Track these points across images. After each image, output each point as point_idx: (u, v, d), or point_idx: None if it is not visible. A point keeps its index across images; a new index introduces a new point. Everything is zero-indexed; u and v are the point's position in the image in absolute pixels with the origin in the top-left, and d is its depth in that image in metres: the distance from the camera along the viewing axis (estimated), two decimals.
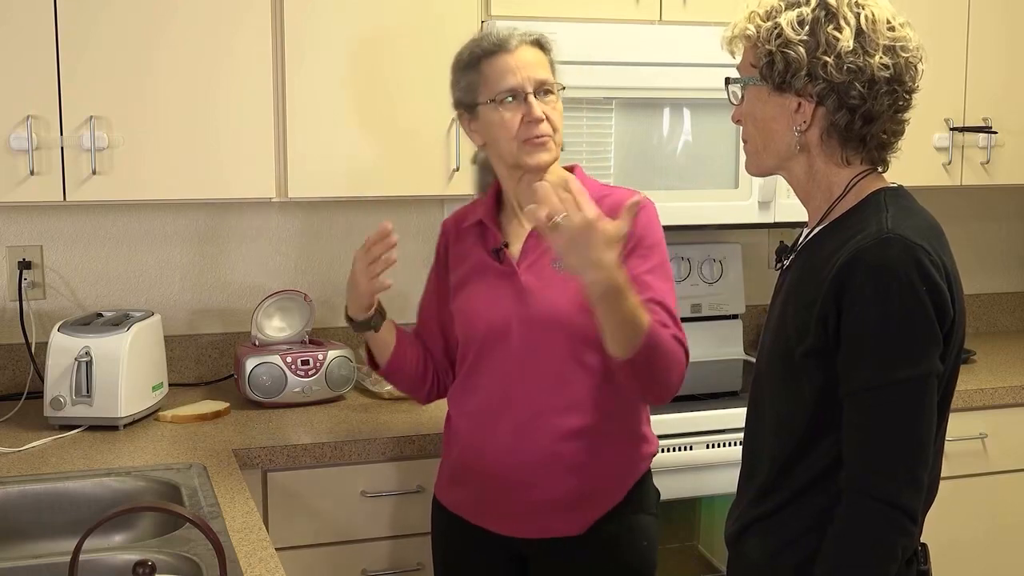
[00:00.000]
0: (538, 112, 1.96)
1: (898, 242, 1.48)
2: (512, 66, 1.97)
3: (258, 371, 2.58)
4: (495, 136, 2.00)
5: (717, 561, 2.73)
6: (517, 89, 1.96)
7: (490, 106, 1.98)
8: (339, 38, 2.54)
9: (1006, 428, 2.88)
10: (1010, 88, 3.10)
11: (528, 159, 1.98)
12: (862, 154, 1.59)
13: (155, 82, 2.43)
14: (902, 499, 1.47)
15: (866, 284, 1.48)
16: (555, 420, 1.98)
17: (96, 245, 2.79)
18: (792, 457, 1.59)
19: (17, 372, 2.72)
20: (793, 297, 1.61)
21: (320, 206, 2.92)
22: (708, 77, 2.64)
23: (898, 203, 1.57)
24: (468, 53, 2.03)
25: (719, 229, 3.07)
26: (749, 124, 1.65)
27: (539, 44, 2.02)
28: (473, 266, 2.09)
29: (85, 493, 2.03)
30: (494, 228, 2.08)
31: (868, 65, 1.53)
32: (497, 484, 2.01)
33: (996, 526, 2.92)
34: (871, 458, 1.49)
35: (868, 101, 1.54)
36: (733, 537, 1.71)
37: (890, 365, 1.47)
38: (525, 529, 2.02)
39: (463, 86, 2.03)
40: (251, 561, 1.68)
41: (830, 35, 1.54)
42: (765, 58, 1.58)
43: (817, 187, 1.63)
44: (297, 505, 2.34)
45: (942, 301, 1.49)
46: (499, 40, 1.99)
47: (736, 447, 2.55)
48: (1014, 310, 3.66)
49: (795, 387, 1.58)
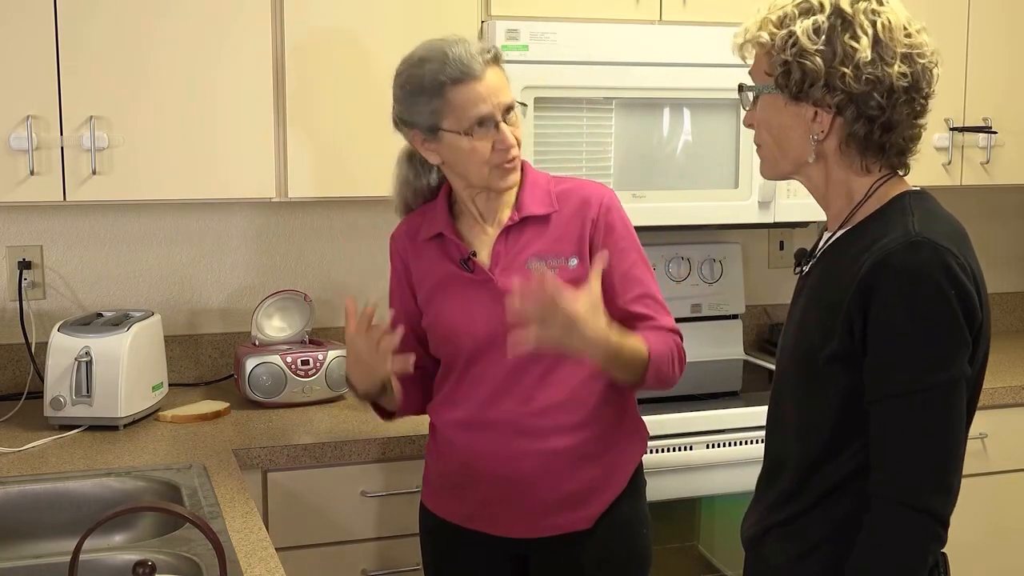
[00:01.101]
0: (511, 139, 1.93)
1: (927, 246, 1.47)
2: (482, 95, 1.90)
3: (258, 371, 2.58)
4: (462, 162, 1.95)
5: (717, 561, 2.73)
6: (487, 118, 1.91)
7: (458, 135, 1.92)
8: (339, 38, 2.54)
9: (1006, 428, 2.88)
10: (1010, 88, 3.10)
11: (500, 183, 1.96)
12: (881, 161, 1.57)
13: (155, 82, 2.43)
14: (934, 505, 1.46)
15: (894, 289, 1.46)
16: (554, 417, 1.98)
17: (96, 245, 2.79)
18: (816, 462, 1.57)
19: (17, 372, 2.72)
20: (815, 301, 1.59)
21: (320, 206, 2.92)
22: (708, 77, 2.65)
23: (923, 207, 1.55)
24: (430, 78, 1.92)
25: (719, 229, 3.07)
26: (763, 131, 1.63)
27: (496, 60, 1.96)
28: (440, 280, 2.04)
29: (85, 493, 2.03)
30: (457, 240, 2.03)
31: (887, 75, 1.51)
32: (501, 489, 2.00)
33: (996, 526, 2.92)
34: (902, 464, 1.47)
35: (887, 111, 1.52)
36: (753, 540, 1.69)
37: (921, 370, 1.46)
38: (531, 529, 2.02)
39: (424, 111, 1.94)
40: (251, 561, 1.67)
41: (847, 45, 1.51)
42: (781, 67, 1.55)
43: (836, 192, 1.61)
44: (297, 505, 2.33)
45: (971, 304, 1.47)
46: (464, 66, 1.90)
47: (736, 447, 2.56)
48: (1014, 310, 3.66)
49: (819, 392, 1.56)
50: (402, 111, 2.01)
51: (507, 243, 2.00)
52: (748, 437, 2.57)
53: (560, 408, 1.98)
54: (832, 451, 1.55)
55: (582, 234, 1.99)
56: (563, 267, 1.97)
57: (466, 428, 2.03)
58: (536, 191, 2.02)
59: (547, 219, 2.00)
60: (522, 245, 2.00)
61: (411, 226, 2.12)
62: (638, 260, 2.02)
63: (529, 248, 2.00)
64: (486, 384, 2.00)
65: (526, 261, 1.98)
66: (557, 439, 1.98)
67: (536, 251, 1.99)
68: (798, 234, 3.32)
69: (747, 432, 2.56)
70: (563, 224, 2.00)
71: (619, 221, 2.02)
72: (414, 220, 2.12)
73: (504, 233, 2.01)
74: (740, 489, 2.59)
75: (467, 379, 2.02)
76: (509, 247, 2.00)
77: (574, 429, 1.98)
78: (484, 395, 2.00)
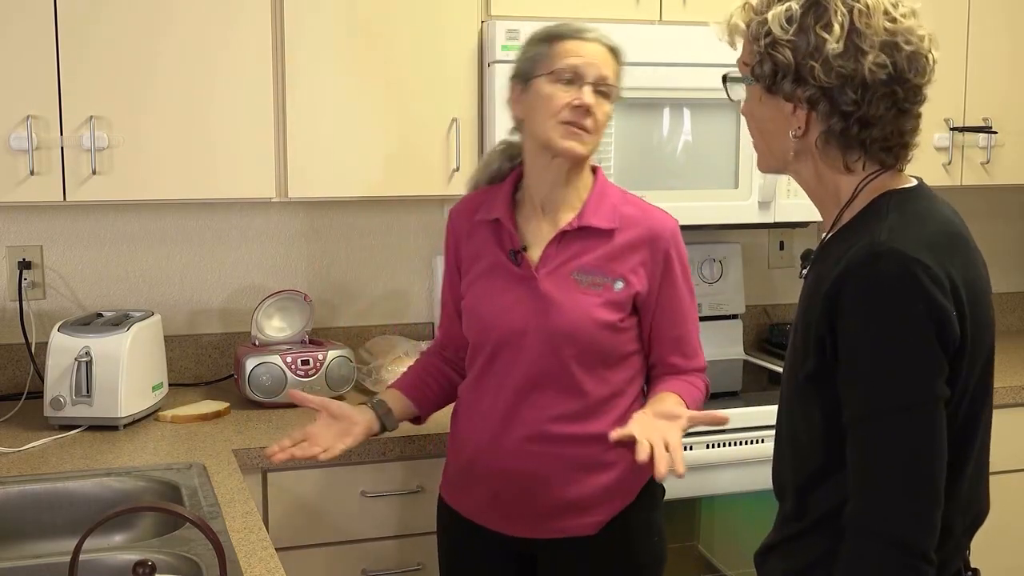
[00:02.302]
0: (588, 99, 1.93)
1: (889, 256, 1.34)
2: (581, 51, 1.95)
3: (258, 371, 2.58)
4: (537, 109, 1.96)
5: (717, 561, 2.73)
6: (577, 71, 1.94)
7: (545, 79, 1.95)
8: (339, 38, 2.54)
9: (1006, 428, 2.87)
10: (1010, 88, 3.10)
11: (561, 141, 1.95)
12: (865, 158, 1.45)
13: (155, 82, 2.43)
14: (905, 536, 1.34)
15: (855, 303, 1.35)
16: (569, 427, 1.98)
17: (96, 245, 2.79)
18: (809, 485, 1.49)
19: (17, 372, 2.72)
20: (801, 312, 1.49)
21: (320, 206, 2.92)
22: (708, 77, 2.63)
23: (904, 208, 1.42)
24: (545, 30, 2.00)
25: (719, 229, 3.06)
26: (750, 123, 1.55)
27: (614, 51, 2.00)
28: (488, 266, 2.05)
29: (85, 493, 2.03)
30: (512, 229, 2.03)
31: (859, 67, 1.39)
32: (510, 486, 2.01)
33: (996, 527, 2.91)
34: (868, 493, 1.36)
35: (863, 106, 1.40)
36: (758, 558, 1.63)
37: (883, 393, 1.35)
38: (538, 530, 2.03)
39: (528, 57, 2.00)
40: (251, 561, 1.68)
41: (818, 35, 1.40)
42: (755, 57, 1.46)
43: (826, 191, 1.50)
44: (297, 505, 2.33)
45: (944, 320, 1.34)
46: (579, 28, 1.98)
47: (736, 447, 2.56)
48: (1014, 310, 3.66)
49: (804, 412, 1.48)
50: (517, 63, 2.04)
51: (559, 247, 2.00)
52: (748, 437, 2.57)
53: (577, 418, 1.99)
54: (827, 471, 1.45)
55: (641, 262, 2.00)
56: (607, 286, 1.98)
57: (484, 421, 2.04)
58: (603, 203, 2.02)
59: (605, 234, 2.00)
60: (573, 253, 2.00)
61: (471, 204, 2.13)
62: (689, 292, 2.07)
63: (580, 258, 1.99)
64: (510, 381, 2.00)
65: (573, 271, 1.99)
66: (570, 447, 1.99)
67: (585, 264, 1.99)
68: (798, 234, 3.32)
69: (747, 432, 2.56)
70: (621, 246, 2.00)
71: (679, 258, 2.05)
72: (476, 198, 2.13)
73: (560, 236, 2.00)
74: (740, 489, 2.59)
75: (491, 371, 2.03)
76: (560, 252, 2.00)
77: (588, 440, 1.99)
78: (505, 392, 2.01)
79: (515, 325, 1.99)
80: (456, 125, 2.62)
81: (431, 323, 3.02)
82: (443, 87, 2.62)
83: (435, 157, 2.63)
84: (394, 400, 2.15)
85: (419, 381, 2.20)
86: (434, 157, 2.63)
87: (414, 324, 3.02)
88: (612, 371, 2.00)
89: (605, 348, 1.98)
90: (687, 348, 2.06)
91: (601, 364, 1.99)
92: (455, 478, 2.13)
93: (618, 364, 2.01)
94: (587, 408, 1.99)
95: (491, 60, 2.58)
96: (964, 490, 1.48)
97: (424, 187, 2.65)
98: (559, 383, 1.98)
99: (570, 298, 1.97)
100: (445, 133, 2.62)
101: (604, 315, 1.96)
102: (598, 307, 1.96)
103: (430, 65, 2.60)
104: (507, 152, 2.12)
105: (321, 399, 2.09)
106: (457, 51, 2.61)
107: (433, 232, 3.02)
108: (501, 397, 2.01)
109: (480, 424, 2.05)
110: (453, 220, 2.15)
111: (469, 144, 2.64)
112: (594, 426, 1.98)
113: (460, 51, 2.62)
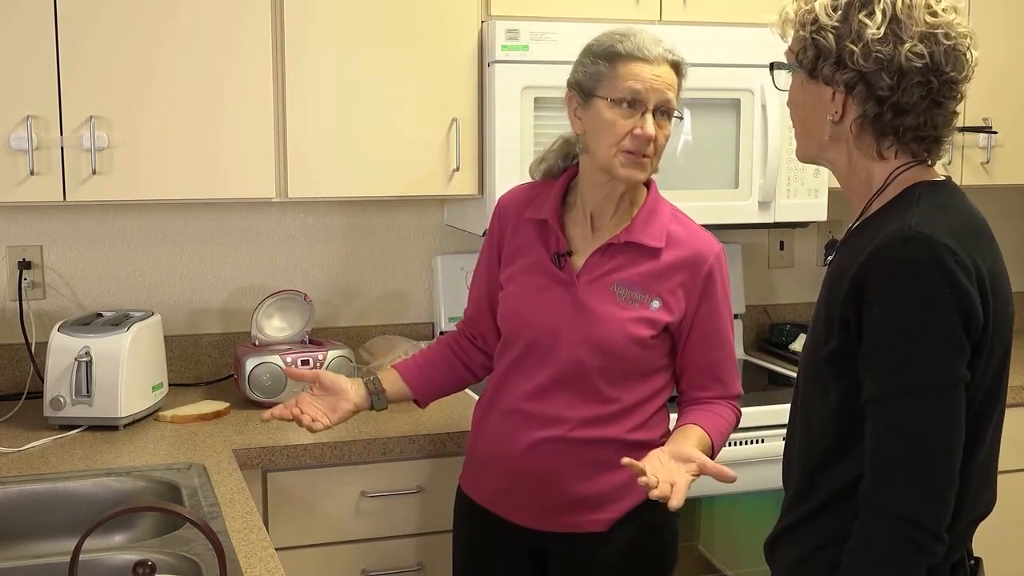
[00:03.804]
0: (650, 129, 1.92)
1: (919, 240, 1.40)
2: (645, 75, 1.92)
3: (258, 371, 2.58)
4: (598, 133, 1.95)
5: (717, 561, 2.73)
6: (640, 98, 1.92)
7: (607, 103, 1.93)
8: (339, 38, 2.54)
9: (1006, 428, 2.85)
10: (1010, 88, 3.10)
11: (621, 170, 1.94)
12: (897, 147, 1.52)
13: (155, 82, 2.43)
14: (918, 516, 1.39)
15: (883, 285, 1.41)
16: (590, 431, 2.00)
17: (96, 245, 2.79)
18: (821, 464, 1.53)
19: (17, 372, 2.72)
20: (825, 296, 1.54)
21: (320, 206, 2.92)
22: (708, 77, 2.64)
23: (933, 199, 1.49)
24: (608, 44, 1.95)
25: (719, 229, 3.05)
26: (792, 110, 1.61)
27: (676, 66, 1.98)
28: (530, 264, 2.06)
29: (85, 493, 2.03)
30: (559, 232, 2.03)
31: (897, 54, 1.46)
32: (526, 479, 2.03)
33: (996, 526, 2.91)
34: (885, 472, 1.42)
35: (897, 92, 1.47)
36: (768, 547, 1.65)
37: (905, 373, 1.40)
38: (551, 523, 2.04)
39: (588, 71, 1.96)
40: (251, 561, 1.68)
41: (861, 21, 1.47)
42: (800, 44, 1.54)
43: (858, 180, 1.57)
44: (297, 505, 2.33)
45: (968, 305, 1.40)
46: (642, 47, 1.93)
47: (736, 447, 2.56)
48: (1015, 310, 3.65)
49: (822, 392, 1.52)
50: (574, 69, 2.01)
51: (603, 257, 2.00)
52: (748, 437, 2.57)
53: (598, 423, 2.00)
54: (837, 453, 1.51)
55: (680, 283, 2.00)
56: (644, 303, 1.98)
57: (507, 416, 2.05)
58: (653, 221, 2.02)
59: (651, 252, 2.00)
60: (616, 265, 2.00)
61: (522, 197, 2.12)
62: (725, 322, 2.05)
63: (622, 272, 2.00)
64: (535, 381, 2.01)
65: (613, 284, 1.99)
66: (587, 448, 2.00)
67: (626, 278, 1.99)
68: (798, 234, 3.32)
69: (747, 432, 2.56)
70: (664, 265, 2.00)
71: (721, 283, 2.03)
72: (527, 192, 2.12)
73: (605, 247, 2.01)
74: (740, 489, 2.58)
75: (519, 369, 2.04)
76: (604, 262, 2.00)
77: (604, 443, 2.00)
78: (530, 391, 2.02)
79: (548, 326, 2.00)
80: (456, 125, 2.62)
81: (431, 323, 3.02)
82: (443, 87, 2.62)
83: (435, 157, 2.63)
84: (390, 381, 2.17)
85: (425, 365, 2.21)
86: (434, 157, 2.63)
87: (414, 324, 3.02)
88: (638, 383, 2.02)
89: (633, 361, 1.99)
90: (722, 374, 2.06)
91: (628, 376, 2.00)
92: (473, 467, 2.15)
93: (645, 377, 2.02)
94: (609, 415, 2.00)
95: (491, 60, 2.58)
96: (974, 479, 1.51)
97: (424, 187, 2.65)
98: (584, 389, 1.99)
99: (605, 309, 1.98)
100: (445, 133, 2.62)
101: (636, 330, 1.97)
102: (631, 322, 1.97)
103: (430, 65, 2.60)
104: (563, 150, 2.11)
105: (315, 371, 2.16)
106: (457, 51, 2.61)
107: (433, 232, 3.02)
108: (525, 394, 2.02)
109: (501, 418, 2.06)
110: (501, 210, 2.15)
111: (469, 144, 2.64)
112: (614, 430, 2.00)
113: (460, 51, 2.62)
